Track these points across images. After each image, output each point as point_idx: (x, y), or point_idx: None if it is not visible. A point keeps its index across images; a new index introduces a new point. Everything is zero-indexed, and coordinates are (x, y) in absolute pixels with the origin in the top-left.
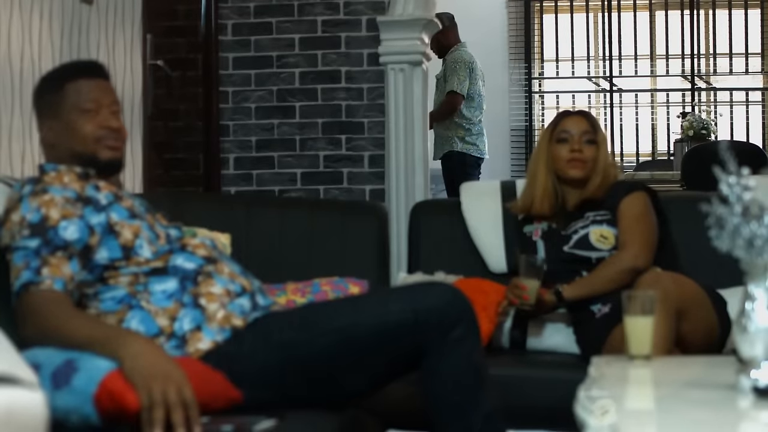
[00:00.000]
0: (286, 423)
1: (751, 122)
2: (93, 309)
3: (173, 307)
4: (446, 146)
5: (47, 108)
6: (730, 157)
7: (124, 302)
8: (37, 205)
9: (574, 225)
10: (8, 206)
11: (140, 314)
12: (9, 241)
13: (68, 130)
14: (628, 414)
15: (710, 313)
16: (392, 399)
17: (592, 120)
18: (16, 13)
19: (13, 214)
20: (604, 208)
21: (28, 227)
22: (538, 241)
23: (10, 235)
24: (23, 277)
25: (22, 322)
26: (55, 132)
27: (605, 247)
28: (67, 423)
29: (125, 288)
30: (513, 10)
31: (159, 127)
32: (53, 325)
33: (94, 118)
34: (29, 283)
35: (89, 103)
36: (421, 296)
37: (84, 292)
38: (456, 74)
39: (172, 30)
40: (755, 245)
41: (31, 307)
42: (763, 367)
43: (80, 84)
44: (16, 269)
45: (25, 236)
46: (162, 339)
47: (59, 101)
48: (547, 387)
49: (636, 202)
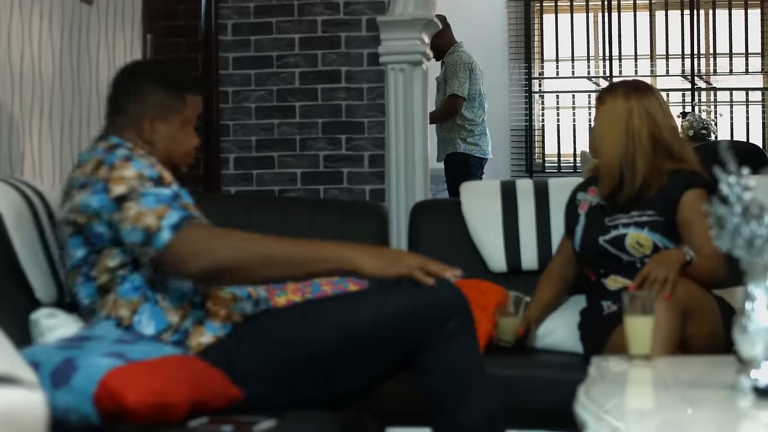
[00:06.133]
0: (286, 423)
1: (751, 122)
2: (111, 294)
3: (184, 306)
4: (449, 148)
5: (159, 107)
6: (730, 157)
7: (141, 292)
8: (150, 164)
9: (618, 218)
10: (93, 166)
11: (153, 309)
12: (126, 191)
13: (172, 136)
14: (628, 414)
15: (716, 319)
16: (391, 394)
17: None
18: (16, 13)
19: (123, 170)
20: (654, 206)
21: (149, 180)
22: (581, 215)
23: (129, 187)
24: (173, 216)
25: (198, 255)
26: (158, 133)
27: (638, 255)
28: (67, 422)
29: (146, 276)
30: (513, 10)
31: None
32: (250, 250)
33: (195, 136)
34: (186, 218)
35: (195, 120)
36: (419, 292)
37: (115, 272)
38: (456, 77)
39: (172, 30)
40: (755, 245)
41: (207, 237)
42: (763, 367)
43: (197, 100)
44: (150, 212)
45: (152, 186)
46: (168, 334)
47: (176, 108)
48: (547, 387)
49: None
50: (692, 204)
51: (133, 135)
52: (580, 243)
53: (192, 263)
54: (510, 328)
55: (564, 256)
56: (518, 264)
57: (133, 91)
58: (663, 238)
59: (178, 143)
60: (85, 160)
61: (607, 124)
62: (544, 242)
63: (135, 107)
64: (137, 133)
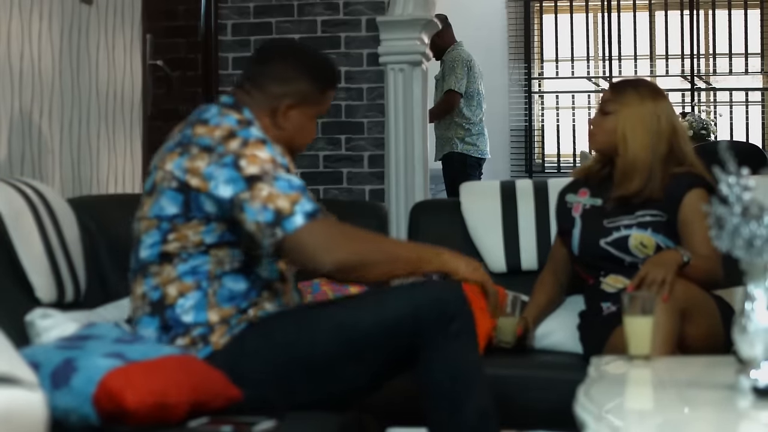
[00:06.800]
0: (286, 423)
1: (750, 122)
2: (169, 266)
3: (229, 310)
4: (446, 147)
5: (300, 96)
6: (730, 157)
7: (197, 278)
8: (281, 152)
9: (619, 219)
10: (224, 133)
11: (200, 300)
12: (259, 173)
13: (302, 127)
14: (628, 414)
15: (715, 319)
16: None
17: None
18: (16, 13)
19: (257, 150)
20: (658, 206)
21: (282, 167)
22: (576, 218)
23: (262, 169)
24: (307, 205)
25: (324, 251)
26: (290, 120)
27: (641, 256)
28: (67, 423)
29: (210, 265)
30: (513, 10)
31: (159, 127)
32: (377, 246)
33: (315, 130)
34: (319, 211)
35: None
36: (419, 293)
37: (185, 246)
38: (453, 72)
39: (171, 30)
40: (755, 245)
41: (335, 234)
42: (762, 367)
43: (331, 95)
44: (284, 196)
45: (283, 173)
46: (199, 328)
47: (314, 101)
48: (546, 387)
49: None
50: (694, 204)
51: (265, 116)
52: (579, 246)
53: (317, 257)
54: (509, 328)
55: (557, 261)
56: (518, 264)
57: (281, 74)
58: (666, 239)
59: (303, 134)
60: (211, 120)
61: (636, 123)
62: (544, 242)
63: (277, 89)
64: (270, 114)
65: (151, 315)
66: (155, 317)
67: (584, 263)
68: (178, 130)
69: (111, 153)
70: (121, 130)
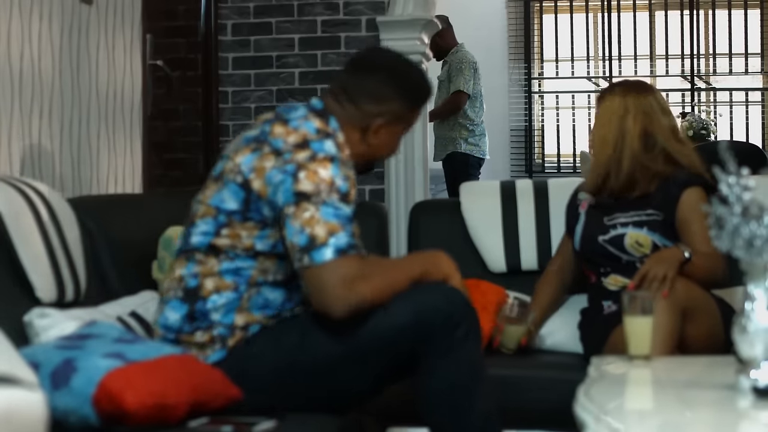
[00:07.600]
0: (286, 424)
1: (750, 122)
2: (214, 260)
3: (257, 317)
4: (449, 147)
5: (393, 116)
6: (730, 157)
7: (236, 280)
8: (345, 176)
9: (616, 217)
10: (298, 139)
11: (233, 303)
12: (312, 191)
13: (387, 141)
14: (627, 414)
15: (715, 319)
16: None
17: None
18: (16, 13)
19: (320, 167)
20: (653, 205)
21: (337, 192)
22: (581, 214)
23: (316, 189)
24: (343, 240)
25: (350, 284)
26: (379, 137)
27: (637, 254)
28: (66, 424)
29: (253, 271)
30: (513, 10)
31: (159, 127)
32: (389, 282)
33: (400, 142)
34: (351, 247)
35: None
36: (423, 298)
37: (235, 245)
38: (462, 74)
39: (171, 30)
40: (755, 245)
41: (363, 268)
42: (762, 367)
43: (420, 112)
44: (324, 223)
45: (336, 200)
46: (220, 328)
47: (405, 119)
48: (547, 387)
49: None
50: (691, 202)
51: (355, 131)
52: (580, 242)
53: (327, 303)
54: (514, 336)
55: (564, 257)
56: (518, 264)
57: (377, 92)
58: (662, 238)
59: (388, 149)
60: (291, 122)
61: (602, 123)
62: (544, 242)
63: (372, 108)
64: (360, 130)
65: (183, 301)
66: (185, 304)
67: (585, 259)
68: (261, 120)
69: (111, 153)
70: (121, 130)
